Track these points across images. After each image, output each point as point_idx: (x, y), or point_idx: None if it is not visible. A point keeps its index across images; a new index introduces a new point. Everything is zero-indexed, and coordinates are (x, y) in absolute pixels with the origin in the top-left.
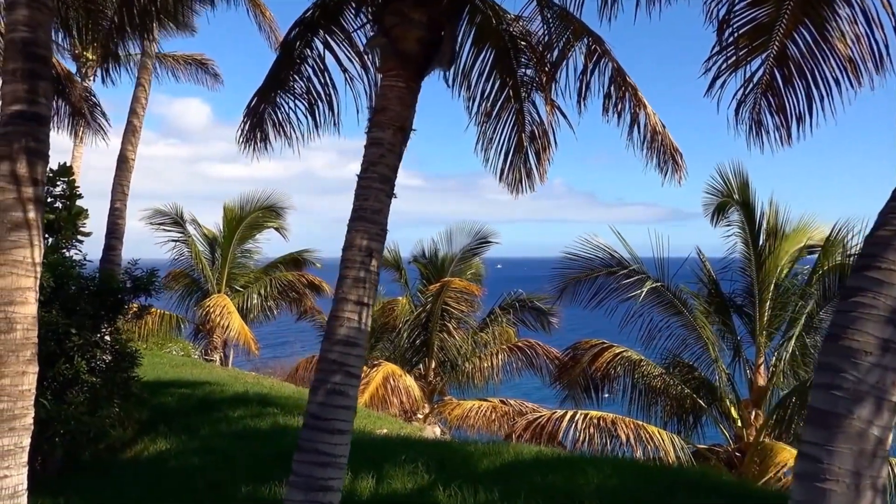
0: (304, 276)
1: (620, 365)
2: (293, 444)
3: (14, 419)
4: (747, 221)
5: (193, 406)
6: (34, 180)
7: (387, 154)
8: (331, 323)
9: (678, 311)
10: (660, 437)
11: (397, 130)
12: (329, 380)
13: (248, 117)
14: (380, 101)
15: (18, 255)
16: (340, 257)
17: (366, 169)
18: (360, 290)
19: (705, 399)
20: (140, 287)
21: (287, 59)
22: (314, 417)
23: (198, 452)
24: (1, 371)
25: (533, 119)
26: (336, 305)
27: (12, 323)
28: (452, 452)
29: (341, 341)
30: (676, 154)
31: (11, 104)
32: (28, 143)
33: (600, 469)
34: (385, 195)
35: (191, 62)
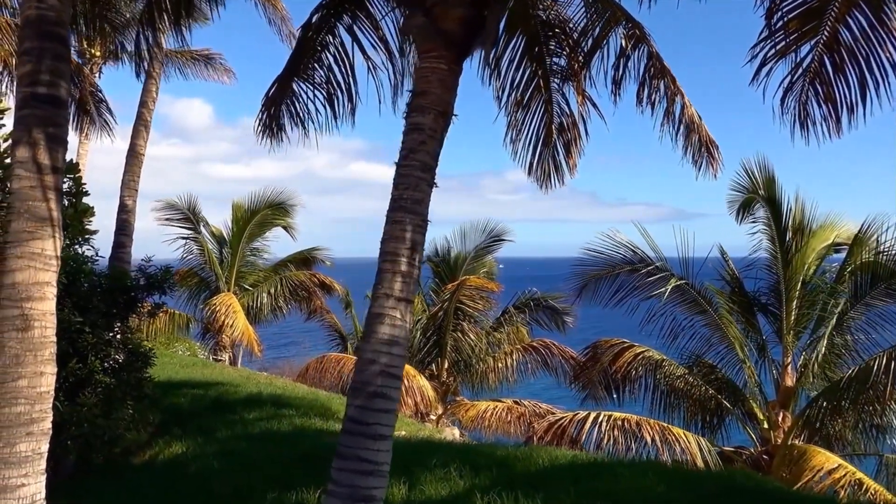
0: (316, 276)
1: (642, 365)
2: (314, 446)
3: (32, 423)
4: (773, 218)
5: (207, 407)
6: (53, 168)
7: (428, 140)
8: (370, 321)
9: (702, 310)
10: (686, 440)
11: (439, 115)
12: (370, 382)
13: (265, 107)
14: (420, 84)
15: (36, 248)
16: (379, 251)
17: (405, 156)
18: (401, 286)
19: (729, 400)
20: (154, 285)
21: (307, 47)
22: (355, 422)
23: (216, 456)
24: (18, 371)
25: (562, 110)
26: (376, 302)
27: (30, 320)
28: (483, 456)
29: (382, 340)
30: (712, 147)
31: (28, 86)
32: (46, 127)
33: (642, 474)
34: (426, 184)
35: (198, 58)
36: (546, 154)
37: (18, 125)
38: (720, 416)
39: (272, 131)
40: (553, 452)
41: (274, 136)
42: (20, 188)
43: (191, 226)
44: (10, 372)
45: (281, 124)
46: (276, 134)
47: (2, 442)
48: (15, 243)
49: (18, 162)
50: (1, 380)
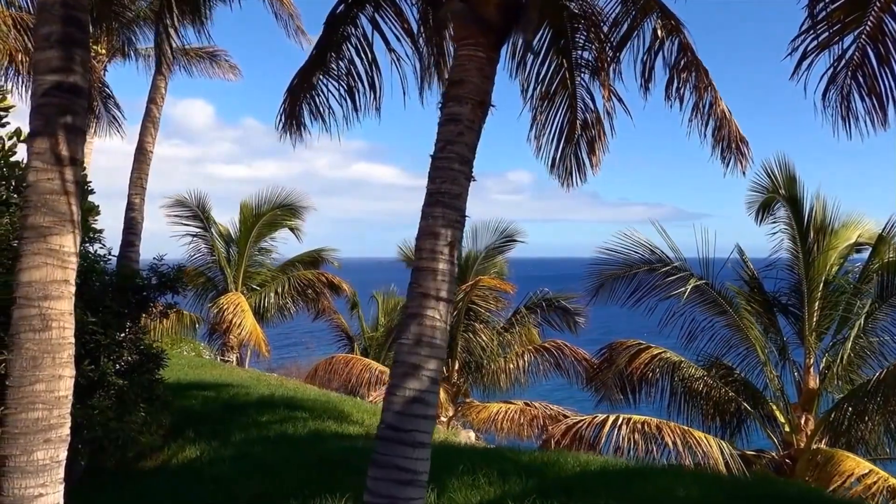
0: (325, 276)
1: (659, 367)
2: (333, 450)
3: (50, 429)
4: (795, 217)
5: (219, 410)
6: (72, 159)
7: (465, 131)
8: (407, 322)
9: (722, 311)
10: (707, 443)
11: (476, 105)
12: (407, 386)
13: (286, 102)
14: (456, 73)
15: (54, 244)
16: (415, 247)
17: (442, 148)
18: (439, 284)
19: (749, 402)
20: (166, 284)
21: (330, 39)
22: (392, 429)
23: (232, 460)
24: (35, 375)
25: (586, 106)
26: (413, 302)
27: (47, 320)
28: (509, 462)
29: (420, 342)
30: (742, 143)
31: (46, 73)
32: (64, 117)
33: (678, 480)
34: (464, 178)
35: (203, 55)
36: (568, 151)
37: (36, 115)
38: (739, 419)
39: (293, 126)
40: (580, 458)
41: (295, 131)
42: (37, 181)
43: (199, 224)
44: (26, 375)
45: (301, 119)
46: (296, 128)
47: (18, 449)
48: (32, 239)
49: (35, 153)
50: (17, 383)
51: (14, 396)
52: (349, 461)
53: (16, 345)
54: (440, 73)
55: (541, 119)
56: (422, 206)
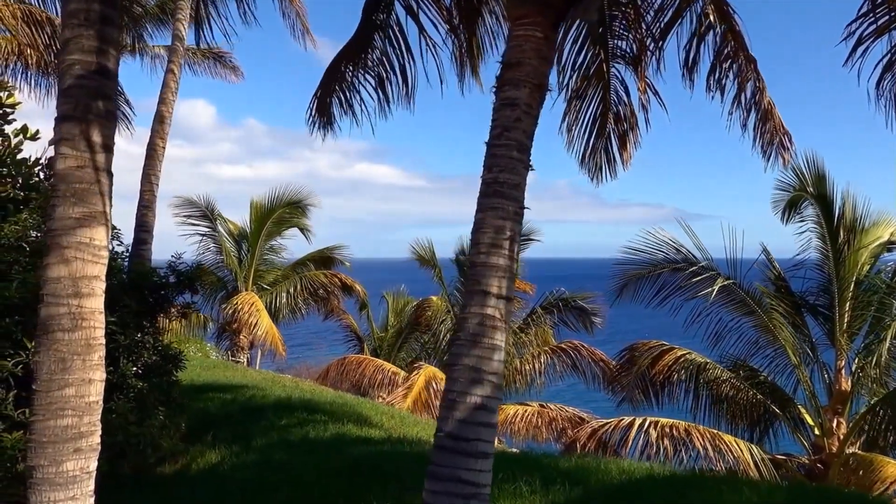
0: (338, 276)
1: (684, 368)
2: (357, 455)
3: (80, 438)
4: (824, 216)
5: (237, 412)
6: (104, 146)
7: (523, 117)
8: (466, 323)
9: (750, 311)
10: (738, 448)
11: (534, 89)
12: (469, 392)
13: (317, 95)
14: (512, 55)
15: (84, 237)
16: (471, 241)
17: (499, 135)
18: (499, 281)
19: (777, 405)
20: (184, 283)
21: (364, 28)
22: (454, 438)
23: (256, 466)
24: (64, 378)
25: (619, 99)
26: (471, 300)
27: (77, 319)
28: (547, 469)
29: (481, 344)
30: (785, 136)
31: (74, 53)
32: (95, 100)
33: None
34: (523, 166)
35: (208, 55)
36: (599, 145)
37: (64, 98)
38: (766, 422)
39: (323, 119)
40: (621, 464)
41: (325, 124)
42: (66, 169)
43: (208, 223)
44: (55, 379)
45: (332, 112)
46: (327, 122)
47: (47, 460)
48: (60, 231)
49: (64, 139)
50: (45, 387)
51: (41, 402)
52: (381, 467)
53: (43, 346)
54: (472, 61)
55: (573, 111)
56: (477, 197)
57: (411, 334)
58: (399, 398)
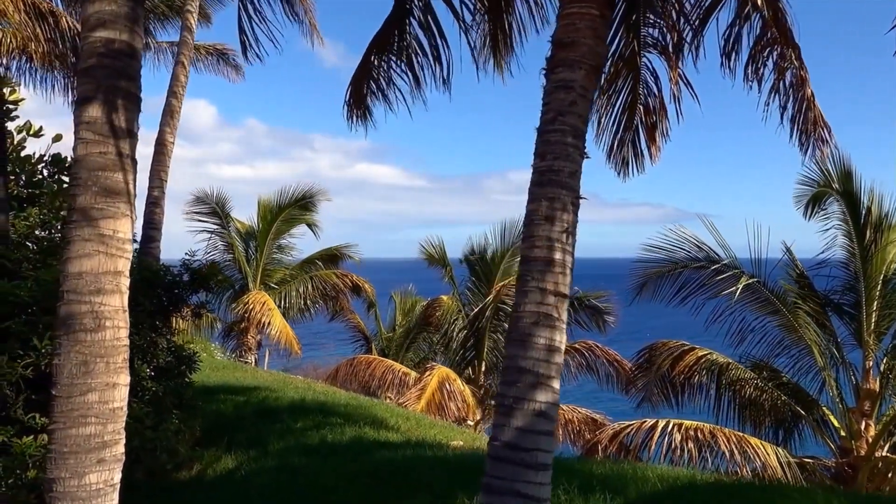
0: (348, 276)
1: (705, 368)
2: (380, 461)
3: (104, 448)
4: (850, 213)
5: (251, 415)
6: (128, 131)
7: (579, 100)
8: (520, 322)
9: (775, 310)
10: (764, 451)
11: (590, 70)
12: (527, 397)
13: (351, 86)
14: (566, 34)
15: (107, 229)
16: (524, 234)
17: (552, 119)
18: (556, 277)
19: (801, 407)
20: (199, 281)
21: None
22: (512, 448)
23: (275, 472)
24: (87, 383)
25: (649, 90)
26: (525, 297)
27: (100, 318)
28: (582, 474)
29: (539, 346)
30: (825, 129)
31: (96, 29)
32: (119, 81)
33: (787, 498)
34: (578, 153)
35: (212, 52)
36: (627, 137)
37: (85, 79)
38: (791, 424)
39: (359, 111)
40: (658, 470)
41: (360, 115)
42: (88, 155)
43: (217, 221)
44: (76, 384)
45: (367, 103)
46: (362, 113)
47: (68, 472)
48: (81, 223)
49: (85, 123)
50: (66, 393)
51: (62, 409)
52: (407, 473)
53: (63, 347)
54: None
55: (604, 101)
56: (529, 187)
57: (420, 334)
58: (412, 399)
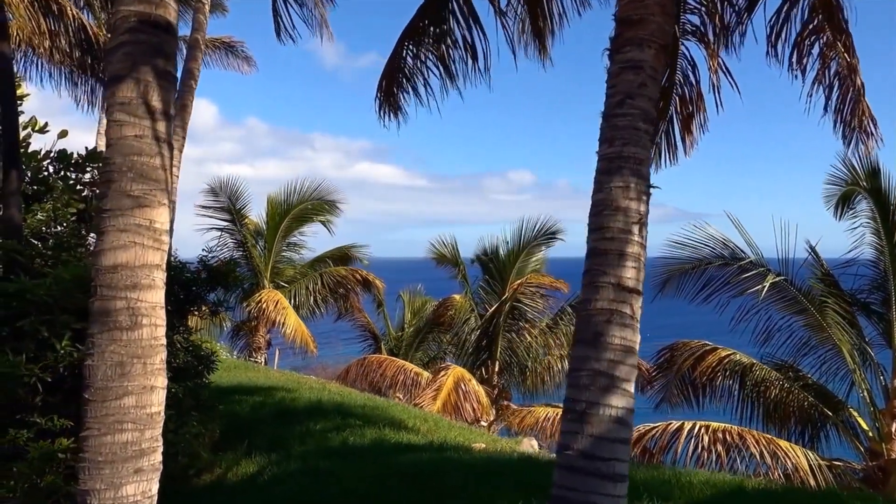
0: (358, 272)
1: (728, 369)
2: (408, 463)
3: (141, 456)
4: (878, 210)
5: (268, 417)
6: (165, 112)
7: (648, 82)
8: (591, 320)
9: (802, 310)
10: (794, 454)
11: (660, 50)
12: (602, 402)
13: (383, 80)
14: (632, 9)
15: (143, 218)
16: (590, 225)
17: (620, 102)
18: (631, 272)
19: (828, 408)
20: (217, 279)
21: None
22: (587, 457)
23: (301, 476)
24: (123, 385)
25: (685, 79)
26: (596, 294)
27: (137, 316)
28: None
29: (614, 346)
30: (871, 121)
31: (130, 3)
32: (155, 59)
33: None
34: (649, 138)
35: (219, 45)
36: (661, 128)
37: (118, 56)
38: (818, 426)
39: (390, 104)
40: (700, 476)
41: (391, 110)
42: (122, 138)
43: (228, 217)
44: (111, 387)
45: (397, 104)
46: (393, 107)
47: (103, 483)
48: (116, 212)
49: (119, 104)
50: (100, 396)
51: (96, 414)
52: (440, 478)
53: (97, 347)
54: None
55: None
56: (596, 175)
57: (430, 333)
58: (428, 400)
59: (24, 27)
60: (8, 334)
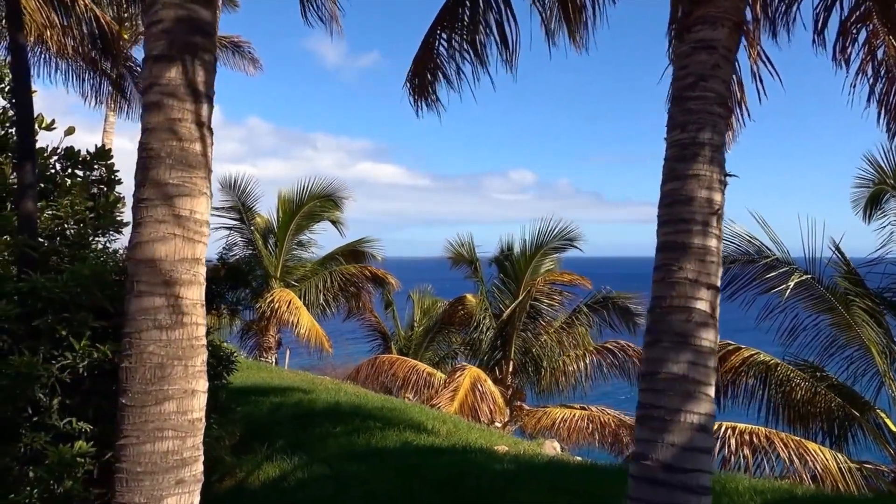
0: (368, 269)
1: (753, 369)
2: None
3: (183, 466)
4: None
5: (287, 419)
6: (207, 95)
7: (722, 63)
8: (668, 318)
9: (830, 308)
10: (823, 456)
11: (734, 28)
12: (684, 409)
13: (414, 69)
14: None
15: (184, 208)
16: (660, 217)
17: (692, 85)
18: (707, 266)
19: (856, 409)
20: (238, 277)
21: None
22: (668, 469)
23: (327, 481)
24: (163, 389)
25: None
26: (672, 291)
27: (178, 314)
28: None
29: (693, 347)
30: None
31: None
32: (195, 37)
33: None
34: (724, 124)
35: (226, 45)
36: None
37: (156, 34)
38: (844, 428)
39: (422, 93)
40: (745, 482)
41: (426, 98)
42: (162, 122)
43: (237, 216)
44: (151, 391)
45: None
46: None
47: (143, 496)
48: (154, 201)
49: (157, 86)
50: (139, 402)
51: (134, 420)
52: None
53: (134, 348)
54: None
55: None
56: (666, 162)
57: (439, 333)
58: (445, 401)
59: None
60: (24, 333)
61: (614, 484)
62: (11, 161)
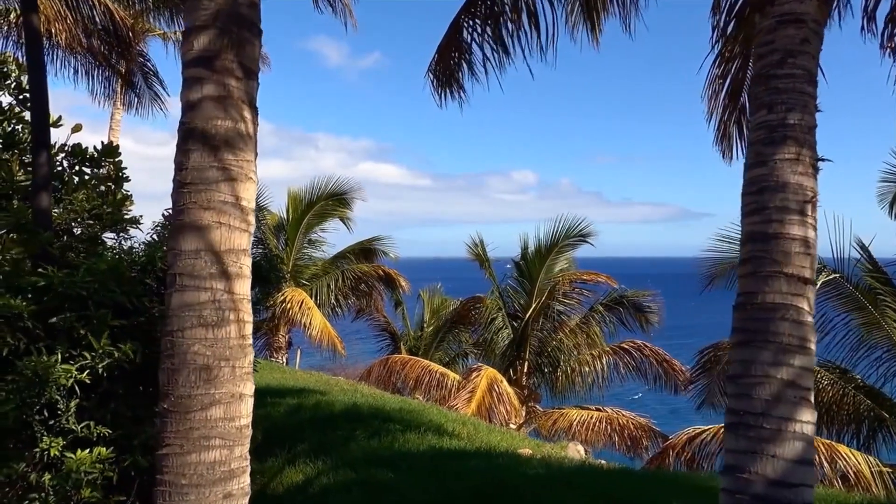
0: (381, 268)
1: None
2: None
3: (231, 478)
4: None
5: (306, 421)
6: (251, 71)
7: (811, 38)
8: (759, 316)
9: (859, 307)
10: (854, 459)
11: (822, 1)
12: (793, 418)
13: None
14: None
15: (229, 194)
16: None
17: (780, 62)
18: (802, 259)
19: (885, 410)
20: (261, 276)
21: None
22: (774, 484)
23: (357, 487)
24: (209, 394)
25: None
26: (765, 286)
27: (223, 310)
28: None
29: (790, 347)
30: None
31: None
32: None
33: None
34: (815, 104)
35: None
36: (733, 116)
37: (196, 8)
38: (873, 430)
39: (448, 83)
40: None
41: (450, 88)
42: (204, 99)
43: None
44: (196, 395)
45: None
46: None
47: None
48: (198, 186)
49: (200, 59)
50: (182, 407)
51: (178, 427)
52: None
53: (177, 348)
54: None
55: (716, 73)
56: (751, 146)
57: (449, 332)
58: (462, 402)
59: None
60: (40, 332)
61: (653, 490)
62: (19, 158)
